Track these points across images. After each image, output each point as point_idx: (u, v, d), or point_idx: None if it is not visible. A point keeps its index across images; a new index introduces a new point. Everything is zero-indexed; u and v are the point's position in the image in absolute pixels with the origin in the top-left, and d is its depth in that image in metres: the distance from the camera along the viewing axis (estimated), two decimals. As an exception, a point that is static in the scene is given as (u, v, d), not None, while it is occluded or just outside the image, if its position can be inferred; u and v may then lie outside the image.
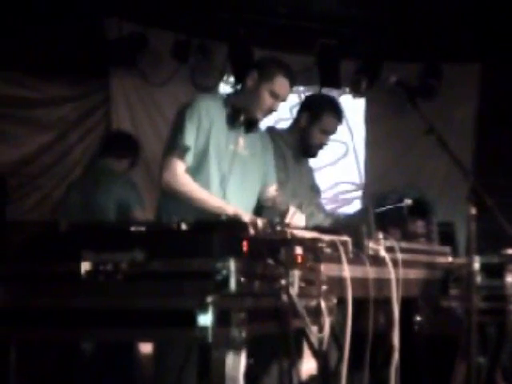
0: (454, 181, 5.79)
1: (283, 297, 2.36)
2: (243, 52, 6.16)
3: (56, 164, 5.99)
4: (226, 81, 6.53)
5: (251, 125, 3.71)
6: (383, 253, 3.05)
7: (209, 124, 3.61)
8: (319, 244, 2.64)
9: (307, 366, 2.82)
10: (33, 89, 5.93)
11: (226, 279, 2.13)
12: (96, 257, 2.27)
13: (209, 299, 2.11)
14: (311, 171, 4.47)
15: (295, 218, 3.26)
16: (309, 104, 4.34)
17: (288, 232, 2.49)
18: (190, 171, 3.58)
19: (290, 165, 4.16)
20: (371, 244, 3.01)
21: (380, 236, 3.07)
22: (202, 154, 3.60)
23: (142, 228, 2.32)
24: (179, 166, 3.55)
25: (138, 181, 5.30)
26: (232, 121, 3.66)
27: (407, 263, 3.22)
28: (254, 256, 2.25)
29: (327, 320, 2.56)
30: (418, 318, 3.61)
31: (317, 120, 4.20)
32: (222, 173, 3.63)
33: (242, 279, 2.16)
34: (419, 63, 6.69)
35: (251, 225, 2.34)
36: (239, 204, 3.57)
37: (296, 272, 2.40)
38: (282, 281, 2.36)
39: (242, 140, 3.71)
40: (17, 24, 5.66)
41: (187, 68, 6.28)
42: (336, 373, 2.78)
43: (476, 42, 6.53)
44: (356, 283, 2.77)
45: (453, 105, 6.82)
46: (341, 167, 7.08)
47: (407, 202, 3.82)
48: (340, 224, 3.96)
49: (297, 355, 2.69)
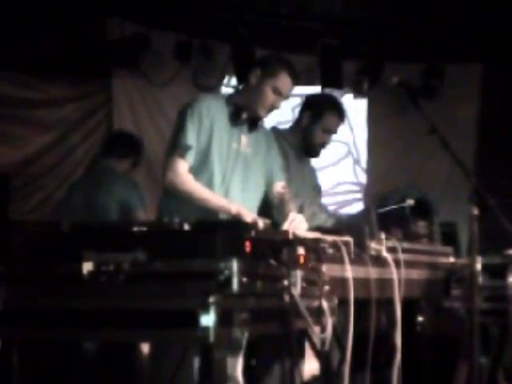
0: (456, 181, 5.78)
1: (285, 297, 2.36)
2: (245, 52, 6.15)
3: (58, 164, 5.98)
4: (228, 84, 6.52)
5: (254, 123, 3.70)
6: (385, 253, 3.05)
7: (210, 123, 3.60)
8: (321, 244, 2.65)
9: (309, 367, 2.82)
10: (35, 89, 5.93)
11: (229, 279, 2.13)
12: (98, 257, 2.27)
13: (211, 299, 2.11)
14: (313, 171, 4.47)
15: (296, 222, 3.26)
16: (311, 103, 4.33)
17: (290, 232, 2.49)
18: (193, 170, 3.57)
19: (293, 165, 4.14)
20: (373, 244, 3.01)
21: (382, 236, 3.07)
22: (204, 154, 3.59)
23: (144, 228, 2.32)
24: (181, 166, 3.54)
25: (140, 181, 5.31)
26: (234, 119, 3.65)
27: (409, 263, 3.22)
28: (257, 256, 2.25)
29: (329, 320, 2.56)
30: (420, 319, 3.61)
31: (319, 119, 4.19)
32: (225, 172, 3.63)
33: (245, 279, 2.16)
34: (421, 63, 6.68)
35: (253, 225, 2.34)
36: (242, 203, 3.56)
37: (298, 272, 2.41)
38: (285, 281, 2.36)
39: (245, 138, 3.70)
40: (19, 24, 5.66)
41: (189, 68, 6.27)
42: (338, 373, 2.78)
43: (477, 42, 6.52)
44: (358, 283, 2.77)
45: (455, 105, 6.80)
46: (343, 167, 7.07)
47: (409, 203, 3.83)
48: (342, 224, 3.97)
49: (299, 355, 2.69)
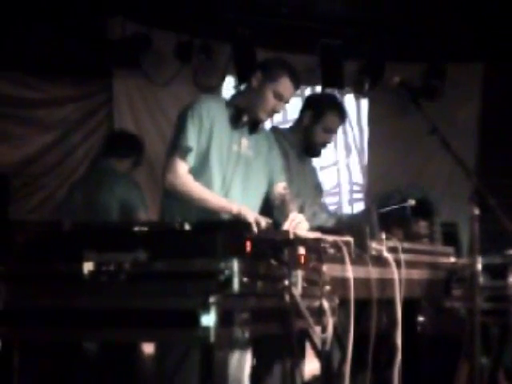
0: (457, 181, 5.78)
1: (286, 297, 2.36)
2: (246, 52, 6.16)
3: (59, 164, 5.98)
4: (228, 86, 6.52)
5: (254, 125, 3.70)
6: (386, 253, 3.05)
7: (210, 124, 3.59)
8: (322, 244, 2.65)
9: (310, 367, 2.83)
10: (36, 89, 5.93)
11: (229, 279, 2.13)
12: (99, 257, 2.27)
13: (212, 299, 2.11)
14: (315, 171, 4.47)
15: (297, 222, 3.25)
16: (311, 103, 4.33)
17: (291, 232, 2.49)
18: (193, 172, 3.57)
19: (294, 164, 4.14)
20: (374, 244, 3.01)
21: (383, 236, 3.07)
22: (204, 155, 3.59)
23: (145, 228, 2.32)
24: (181, 167, 3.54)
25: (141, 181, 5.30)
26: (235, 121, 3.65)
27: (410, 264, 3.22)
28: (257, 256, 2.25)
29: (330, 320, 2.56)
30: (421, 319, 3.61)
31: (320, 119, 4.19)
32: (225, 174, 3.62)
33: (245, 279, 2.16)
34: (422, 64, 6.68)
35: (254, 225, 2.34)
36: (243, 205, 3.56)
37: (299, 272, 2.41)
38: (285, 281, 2.36)
39: (246, 141, 3.70)
40: (20, 24, 5.66)
41: (190, 68, 6.27)
42: (339, 373, 2.78)
43: (478, 42, 6.52)
44: (359, 284, 2.77)
45: (456, 105, 6.80)
46: (343, 167, 7.07)
47: (410, 203, 3.83)
48: (343, 224, 3.97)
49: (300, 355, 2.69)
